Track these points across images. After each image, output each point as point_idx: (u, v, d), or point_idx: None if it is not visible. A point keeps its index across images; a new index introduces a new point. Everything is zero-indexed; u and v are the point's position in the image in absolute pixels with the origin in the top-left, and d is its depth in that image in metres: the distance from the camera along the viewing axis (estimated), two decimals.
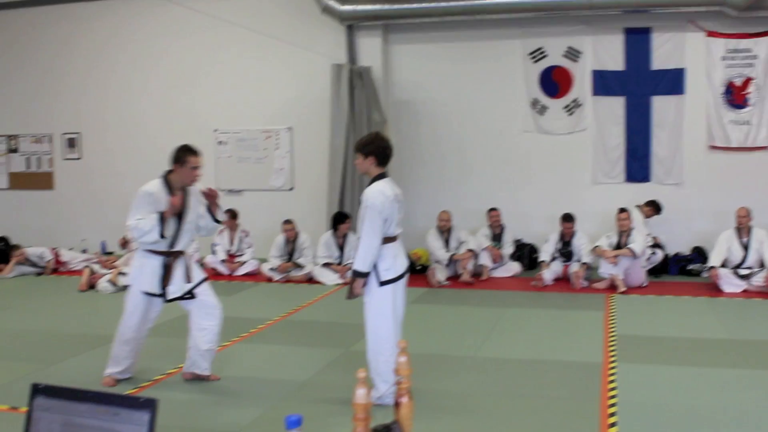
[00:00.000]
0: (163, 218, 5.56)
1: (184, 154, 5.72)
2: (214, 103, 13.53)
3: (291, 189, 13.27)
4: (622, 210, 10.49)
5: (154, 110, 13.89)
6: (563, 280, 10.68)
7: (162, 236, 5.55)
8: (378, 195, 5.14)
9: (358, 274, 5.18)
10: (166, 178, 5.76)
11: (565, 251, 10.79)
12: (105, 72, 14.09)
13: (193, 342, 5.90)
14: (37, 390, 2.40)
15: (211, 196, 5.91)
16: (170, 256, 5.75)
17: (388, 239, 5.23)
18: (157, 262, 5.70)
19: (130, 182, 13.95)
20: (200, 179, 5.83)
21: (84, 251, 13.29)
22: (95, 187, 14.36)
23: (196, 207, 5.87)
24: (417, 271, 11.47)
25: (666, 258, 11.11)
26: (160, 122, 13.83)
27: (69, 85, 14.27)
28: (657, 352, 6.87)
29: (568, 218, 10.81)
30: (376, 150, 5.27)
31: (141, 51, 13.89)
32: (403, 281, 5.37)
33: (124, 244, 12.84)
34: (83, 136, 14.43)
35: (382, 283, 5.18)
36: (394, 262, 5.22)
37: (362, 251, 5.13)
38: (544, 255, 10.78)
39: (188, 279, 5.78)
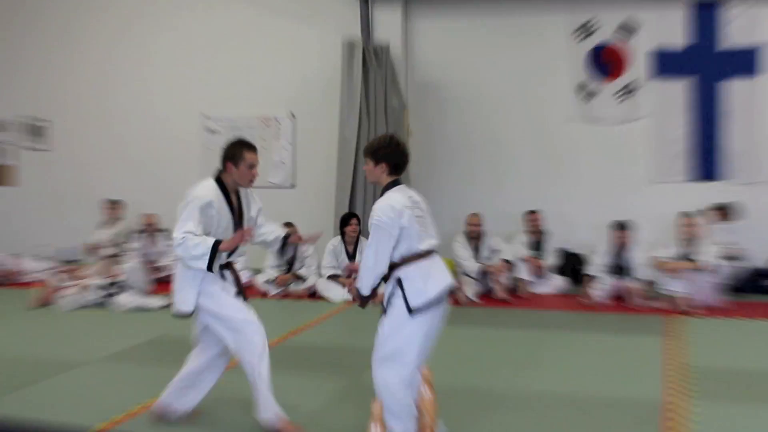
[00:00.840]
0: (216, 249, 5.30)
1: (240, 150, 5.58)
2: (205, 85, 13.55)
3: (292, 186, 13.17)
4: (686, 215, 10.38)
5: (136, 94, 13.94)
6: (616, 298, 10.53)
7: (210, 269, 5.30)
8: (386, 210, 4.94)
9: (359, 295, 5.07)
10: (219, 179, 5.61)
11: (619, 264, 10.61)
12: (78, 52, 14.14)
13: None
14: None
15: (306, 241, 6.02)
16: (225, 269, 5.62)
17: (414, 257, 4.96)
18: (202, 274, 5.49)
19: (106, 179, 14.05)
20: (256, 178, 5.66)
21: (46, 259, 13.16)
22: (65, 183, 14.31)
23: (249, 211, 5.80)
24: None
25: (742, 272, 10.92)
26: (143, 108, 13.92)
27: (36, 66, 14.28)
28: (732, 388, 6.67)
29: (621, 227, 10.67)
30: (390, 156, 5.11)
31: (120, 27, 13.95)
32: (441, 306, 5.08)
33: (93, 251, 12.71)
34: (54, 125, 14.38)
35: (412, 311, 4.91)
36: (425, 284, 4.95)
37: (361, 274, 5.01)
38: (594, 269, 10.66)
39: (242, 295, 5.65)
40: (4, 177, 14.54)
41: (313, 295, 10.97)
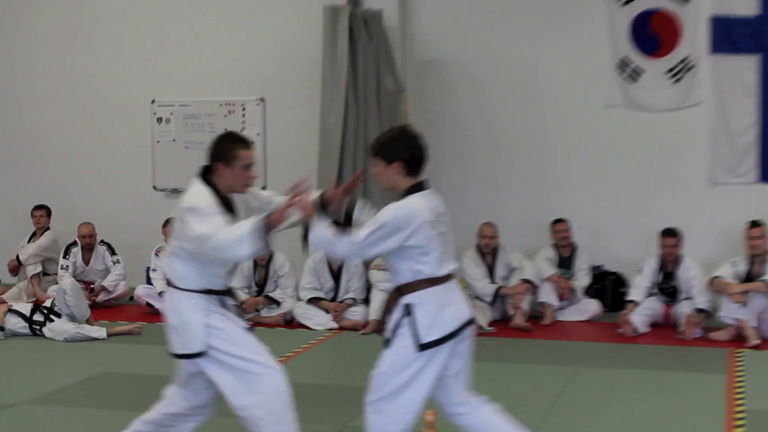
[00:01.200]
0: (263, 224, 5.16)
1: (234, 148, 5.55)
2: (153, 63, 13.61)
3: (263, 188, 13.20)
4: (755, 224, 10.47)
5: (63, 71, 13.91)
6: (664, 327, 10.63)
7: (258, 251, 5.18)
8: (400, 212, 5.02)
9: (304, 235, 5.13)
10: (209, 182, 5.53)
11: (668, 285, 10.74)
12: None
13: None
14: None
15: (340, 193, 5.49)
16: (227, 296, 5.61)
17: (428, 282, 5.10)
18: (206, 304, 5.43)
19: (25, 176, 14.14)
20: (254, 182, 5.68)
21: None
22: None
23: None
24: None
25: None
26: (69, 88, 13.84)
27: None
28: None
29: (670, 234, 10.76)
30: (405, 151, 5.16)
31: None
32: (462, 342, 5.21)
33: (15, 269, 12.86)
34: None
35: (423, 347, 5.07)
36: (441, 314, 5.08)
37: (339, 238, 5.04)
38: (636, 291, 10.76)
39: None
40: None
41: (290, 322, 11.08)
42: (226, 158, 5.50)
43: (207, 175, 5.55)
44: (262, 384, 5.28)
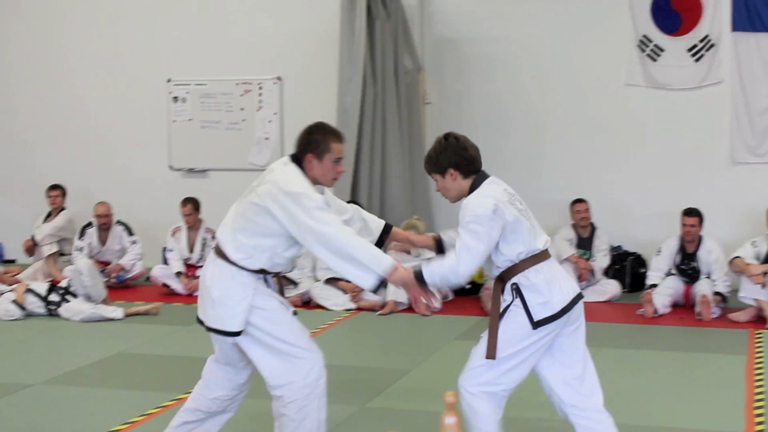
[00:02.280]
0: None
1: (327, 140, 5.44)
2: (169, 41, 13.65)
3: None
4: None
5: (79, 50, 13.96)
6: (684, 308, 10.65)
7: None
8: (483, 203, 5.13)
9: (418, 278, 5.17)
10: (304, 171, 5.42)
11: (688, 266, 10.75)
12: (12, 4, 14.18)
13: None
14: None
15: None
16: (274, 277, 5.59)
17: (532, 258, 5.19)
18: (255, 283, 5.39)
19: (42, 156, 14.20)
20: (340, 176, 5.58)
21: None
22: None
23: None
24: (466, 292, 11.44)
25: None
26: (86, 67, 13.91)
27: None
28: None
29: (691, 213, 10.74)
30: (451, 158, 5.30)
31: None
32: (575, 318, 5.41)
33: (31, 249, 12.92)
34: None
35: (537, 324, 5.14)
36: (550, 290, 5.18)
37: (442, 265, 5.15)
38: (655, 272, 10.76)
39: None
40: None
41: (307, 302, 11.14)
42: (318, 150, 5.37)
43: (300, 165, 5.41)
44: (302, 368, 5.28)
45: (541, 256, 5.22)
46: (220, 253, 5.31)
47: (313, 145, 5.38)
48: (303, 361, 5.29)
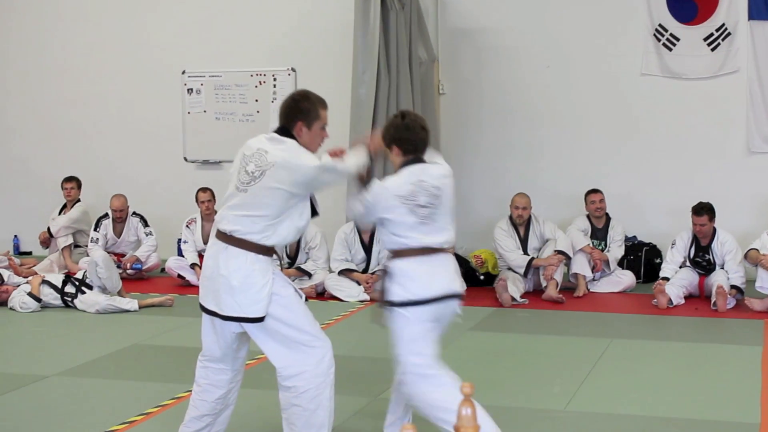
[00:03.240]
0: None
1: (315, 108, 5.51)
2: (183, 33, 13.68)
3: None
4: None
5: (93, 43, 14.01)
6: (699, 299, 10.67)
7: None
8: (375, 186, 5.51)
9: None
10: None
11: (703, 258, 10.74)
12: None
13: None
14: None
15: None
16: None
17: (412, 251, 5.49)
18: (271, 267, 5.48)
19: (57, 148, 14.28)
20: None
21: None
22: (4, 155, 14.54)
23: None
24: (479, 283, 11.47)
25: None
26: (103, 61, 13.96)
27: None
28: None
29: (701, 211, 10.68)
30: (395, 136, 5.55)
31: None
32: (440, 317, 5.59)
33: (47, 241, 12.99)
34: None
35: (394, 305, 5.50)
36: (414, 281, 5.50)
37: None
38: (669, 265, 10.79)
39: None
40: None
41: (321, 294, 11.20)
42: (308, 118, 5.46)
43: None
44: (313, 357, 5.32)
45: (425, 251, 5.52)
46: (232, 240, 5.30)
47: (303, 113, 5.45)
48: (314, 350, 5.33)
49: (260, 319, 5.23)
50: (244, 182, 5.30)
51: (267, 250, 5.33)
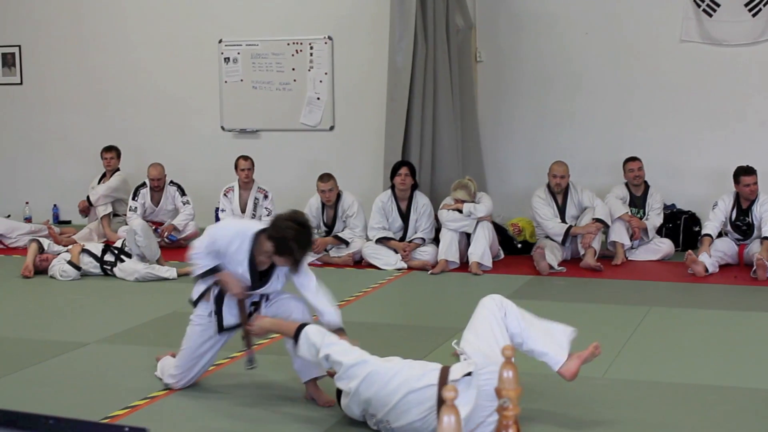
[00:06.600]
0: None
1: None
2: (220, 2, 13.71)
3: (331, 128, 13.40)
4: None
5: (131, 12, 14.08)
6: (737, 267, 10.64)
7: None
8: None
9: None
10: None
11: (743, 222, 10.69)
12: None
13: None
14: None
15: None
16: None
17: None
18: None
19: (97, 118, 14.39)
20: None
21: (28, 220, 13.58)
22: (43, 125, 14.65)
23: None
24: (517, 251, 11.48)
25: None
26: (139, 30, 14.03)
27: None
28: None
29: (751, 170, 10.66)
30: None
31: None
32: None
33: (86, 210, 13.10)
34: (24, 51, 14.71)
35: None
36: None
37: None
38: (708, 228, 10.73)
39: None
40: None
41: (359, 262, 11.23)
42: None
43: None
44: None
45: None
46: None
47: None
48: None
49: None
50: None
51: None
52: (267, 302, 6.37)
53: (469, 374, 5.26)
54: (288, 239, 5.94)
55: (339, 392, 5.70)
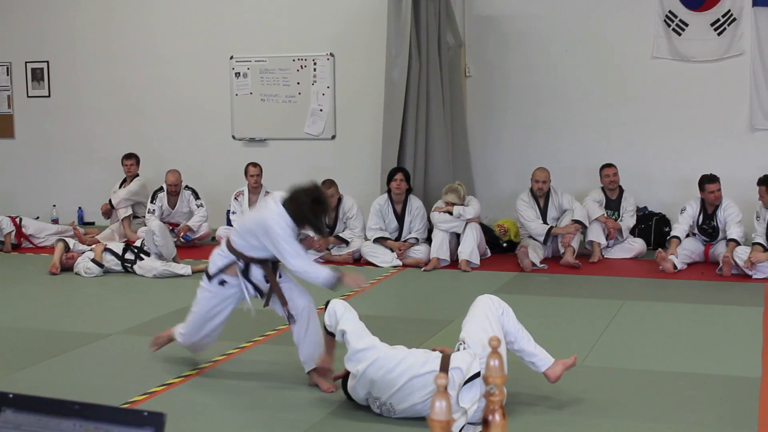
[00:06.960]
0: None
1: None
2: (231, 22, 13.70)
3: (333, 138, 13.39)
4: None
5: (149, 31, 14.07)
6: (704, 264, 10.67)
7: None
8: None
9: None
10: None
11: (708, 225, 10.71)
12: None
13: None
14: (6, 401, 2.45)
15: None
16: None
17: None
18: None
19: (118, 128, 14.38)
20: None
21: (55, 221, 13.58)
22: (69, 134, 14.64)
23: None
24: (503, 250, 11.49)
25: None
26: (157, 47, 14.02)
27: None
28: None
29: (715, 178, 10.68)
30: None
31: None
32: None
33: (108, 212, 13.09)
34: (52, 66, 14.70)
35: None
36: None
37: None
38: (677, 230, 10.74)
39: None
40: (1, 128, 14.92)
41: (358, 260, 11.23)
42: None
43: None
44: None
45: None
46: None
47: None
48: None
49: None
50: None
51: None
52: (280, 278, 6.40)
53: (477, 375, 5.28)
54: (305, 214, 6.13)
55: (344, 382, 5.73)
